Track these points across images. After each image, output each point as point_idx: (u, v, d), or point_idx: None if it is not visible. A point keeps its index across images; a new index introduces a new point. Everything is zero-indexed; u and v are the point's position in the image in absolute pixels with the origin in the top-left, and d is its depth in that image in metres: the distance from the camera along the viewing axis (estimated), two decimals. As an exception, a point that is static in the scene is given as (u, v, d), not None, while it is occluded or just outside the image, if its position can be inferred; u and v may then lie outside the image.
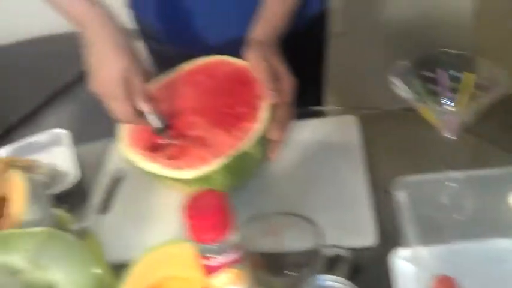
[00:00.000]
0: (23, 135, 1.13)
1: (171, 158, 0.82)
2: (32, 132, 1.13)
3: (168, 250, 0.71)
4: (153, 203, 0.91)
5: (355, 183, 0.85)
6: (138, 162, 0.83)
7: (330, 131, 0.96)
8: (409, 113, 0.75)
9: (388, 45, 1.84)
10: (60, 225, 0.84)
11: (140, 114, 0.83)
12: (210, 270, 0.58)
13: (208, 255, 0.57)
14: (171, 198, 0.87)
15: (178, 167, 0.80)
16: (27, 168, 0.97)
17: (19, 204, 0.78)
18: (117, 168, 0.97)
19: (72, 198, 0.96)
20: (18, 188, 0.81)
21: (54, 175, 0.99)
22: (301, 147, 0.92)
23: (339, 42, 1.32)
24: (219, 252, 0.56)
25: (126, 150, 0.85)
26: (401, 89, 0.68)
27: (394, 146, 0.93)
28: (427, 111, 0.69)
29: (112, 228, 0.87)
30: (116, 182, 0.96)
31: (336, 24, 1.20)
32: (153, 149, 0.84)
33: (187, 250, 0.60)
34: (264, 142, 0.80)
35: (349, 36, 1.72)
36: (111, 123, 0.88)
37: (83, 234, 0.85)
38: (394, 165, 0.87)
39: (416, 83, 0.70)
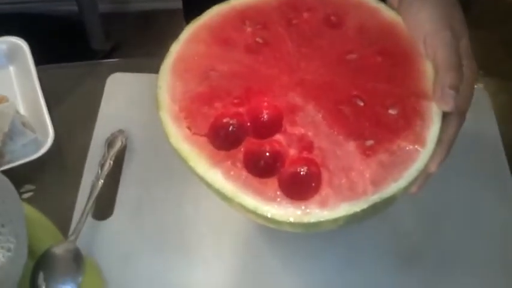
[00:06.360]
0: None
1: (250, 163, 0.47)
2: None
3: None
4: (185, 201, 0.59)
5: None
6: (191, 160, 0.47)
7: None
8: None
9: None
10: (34, 246, 0.48)
11: None
12: None
13: None
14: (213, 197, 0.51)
15: (270, 197, 0.45)
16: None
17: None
18: (119, 130, 0.60)
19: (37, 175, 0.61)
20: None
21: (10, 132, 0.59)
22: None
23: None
24: None
25: (166, 121, 0.49)
26: None
27: None
28: None
29: (115, 245, 0.57)
30: (119, 155, 0.59)
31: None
32: (217, 134, 0.48)
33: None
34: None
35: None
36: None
37: (78, 264, 0.49)
38: None
39: None
